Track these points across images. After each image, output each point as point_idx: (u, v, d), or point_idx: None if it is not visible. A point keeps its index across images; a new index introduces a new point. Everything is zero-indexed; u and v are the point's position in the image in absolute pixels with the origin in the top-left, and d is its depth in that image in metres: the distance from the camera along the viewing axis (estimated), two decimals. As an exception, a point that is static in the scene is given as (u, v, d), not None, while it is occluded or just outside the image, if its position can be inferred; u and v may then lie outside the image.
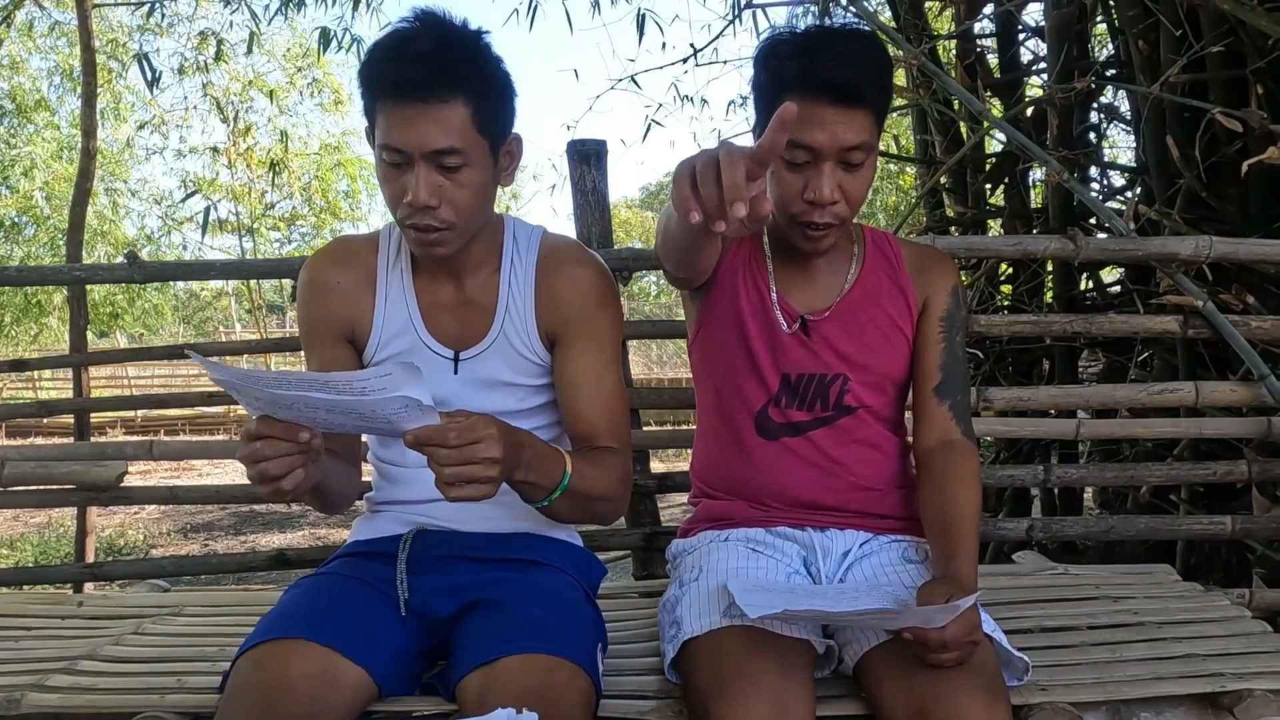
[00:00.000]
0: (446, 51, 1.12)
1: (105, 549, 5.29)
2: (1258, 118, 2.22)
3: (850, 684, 1.22)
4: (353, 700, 1.09)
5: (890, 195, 8.10)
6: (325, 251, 1.34)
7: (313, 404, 0.98)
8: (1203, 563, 2.61)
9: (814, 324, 1.34)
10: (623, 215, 23.65)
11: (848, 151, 1.20)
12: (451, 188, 1.15)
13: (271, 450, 1.00)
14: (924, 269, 1.39)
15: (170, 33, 8.29)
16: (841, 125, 1.18)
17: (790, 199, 1.24)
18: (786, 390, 1.35)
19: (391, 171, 1.16)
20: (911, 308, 1.37)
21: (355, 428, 1.06)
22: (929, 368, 1.36)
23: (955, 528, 1.22)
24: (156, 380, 14.08)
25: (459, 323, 1.29)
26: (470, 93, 1.13)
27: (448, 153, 1.12)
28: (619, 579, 2.44)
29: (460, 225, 1.18)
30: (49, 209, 11.00)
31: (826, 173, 1.20)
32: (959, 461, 1.30)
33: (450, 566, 1.25)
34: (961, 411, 1.35)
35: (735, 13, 3.51)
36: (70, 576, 2.52)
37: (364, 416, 1.00)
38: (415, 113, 1.11)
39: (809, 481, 1.35)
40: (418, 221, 1.16)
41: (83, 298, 3.21)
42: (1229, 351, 2.07)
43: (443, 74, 1.11)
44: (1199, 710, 1.24)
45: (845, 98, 1.18)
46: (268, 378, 0.97)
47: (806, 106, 1.16)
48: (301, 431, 1.00)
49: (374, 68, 1.14)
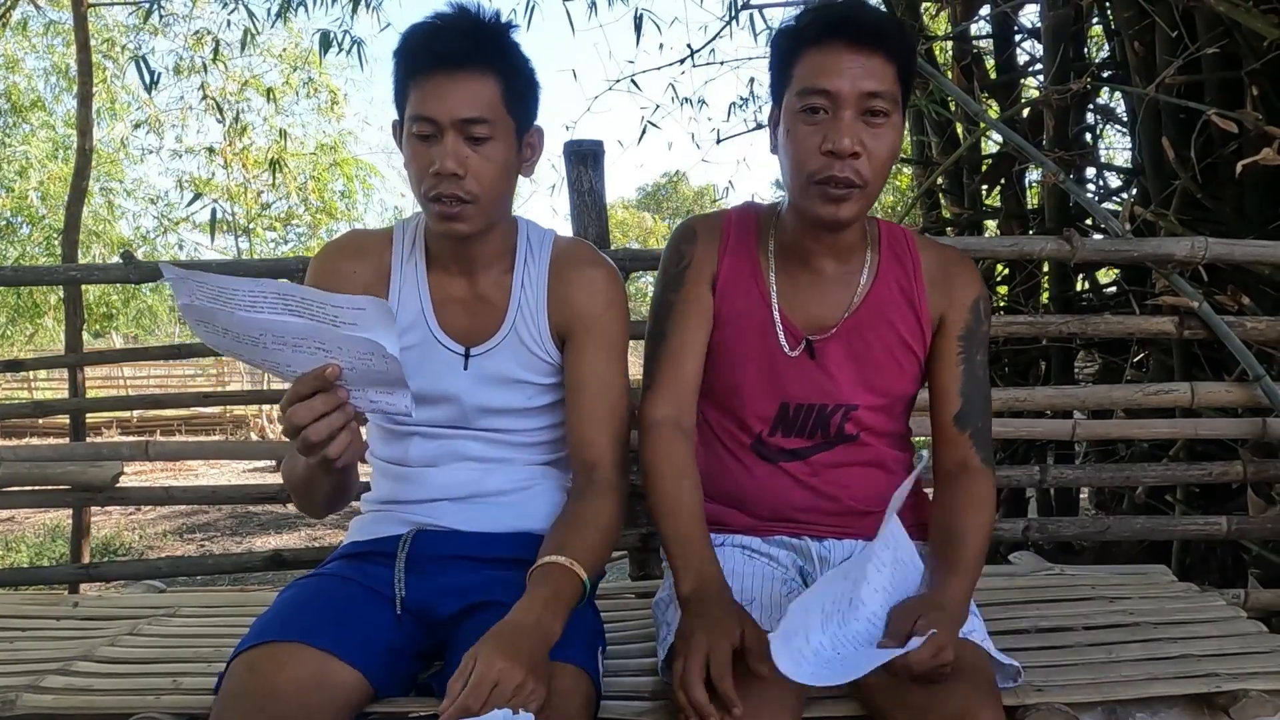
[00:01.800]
0: (480, 30, 1.19)
1: (101, 550, 5.27)
2: (1253, 119, 2.23)
3: (847, 684, 1.22)
4: (346, 702, 1.09)
5: (887, 195, 8.11)
6: (340, 242, 1.35)
7: (281, 335, 0.98)
8: (1198, 563, 2.61)
9: (820, 345, 1.27)
10: (619, 216, 23.67)
11: (868, 98, 1.12)
12: (477, 160, 1.18)
13: (308, 413, 1.01)
14: (943, 280, 1.29)
15: (166, 32, 8.28)
16: (860, 69, 1.12)
17: (807, 155, 1.15)
18: (783, 422, 1.29)
19: (420, 145, 1.19)
20: (924, 326, 1.28)
21: (312, 366, 1.04)
22: (948, 393, 1.28)
23: (957, 550, 1.18)
24: (152, 380, 14.06)
25: (471, 318, 1.30)
26: (500, 70, 1.18)
27: (477, 122, 1.16)
28: (615, 579, 2.44)
29: (484, 199, 1.20)
30: (44, 209, 10.99)
31: (846, 120, 1.12)
32: (973, 486, 1.25)
33: (450, 567, 1.25)
34: (982, 439, 1.28)
35: (733, 14, 3.52)
36: (66, 577, 2.52)
37: (327, 352, 1.01)
38: (449, 82, 1.16)
39: (807, 505, 1.31)
40: (444, 190, 1.18)
41: (78, 298, 3.21)
42: (1224, 352, 2.08)
43: (476, 47, 1.17)
44: (1194, 711, 1.24)
45: (864, 39, 1.12)
46: (241, 294, 0.97)
47: (823, 53, 1.13)
48: (329, 369, 1.01)
49: (410, 44, 1.19)
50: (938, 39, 3.69)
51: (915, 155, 3.87)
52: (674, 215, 29.57)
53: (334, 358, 1.02)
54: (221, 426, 11.62)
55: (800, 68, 1.16)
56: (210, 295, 0.98)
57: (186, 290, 0.98)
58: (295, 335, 1.00)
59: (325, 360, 1.02)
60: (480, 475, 1.31)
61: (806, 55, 1.15)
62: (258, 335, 1.00)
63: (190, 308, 0.99)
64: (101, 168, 11.09)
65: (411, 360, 1.27)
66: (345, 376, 1.04)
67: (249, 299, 0.98)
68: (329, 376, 1.02)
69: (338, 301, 0.98)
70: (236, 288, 0.97)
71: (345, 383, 1.05)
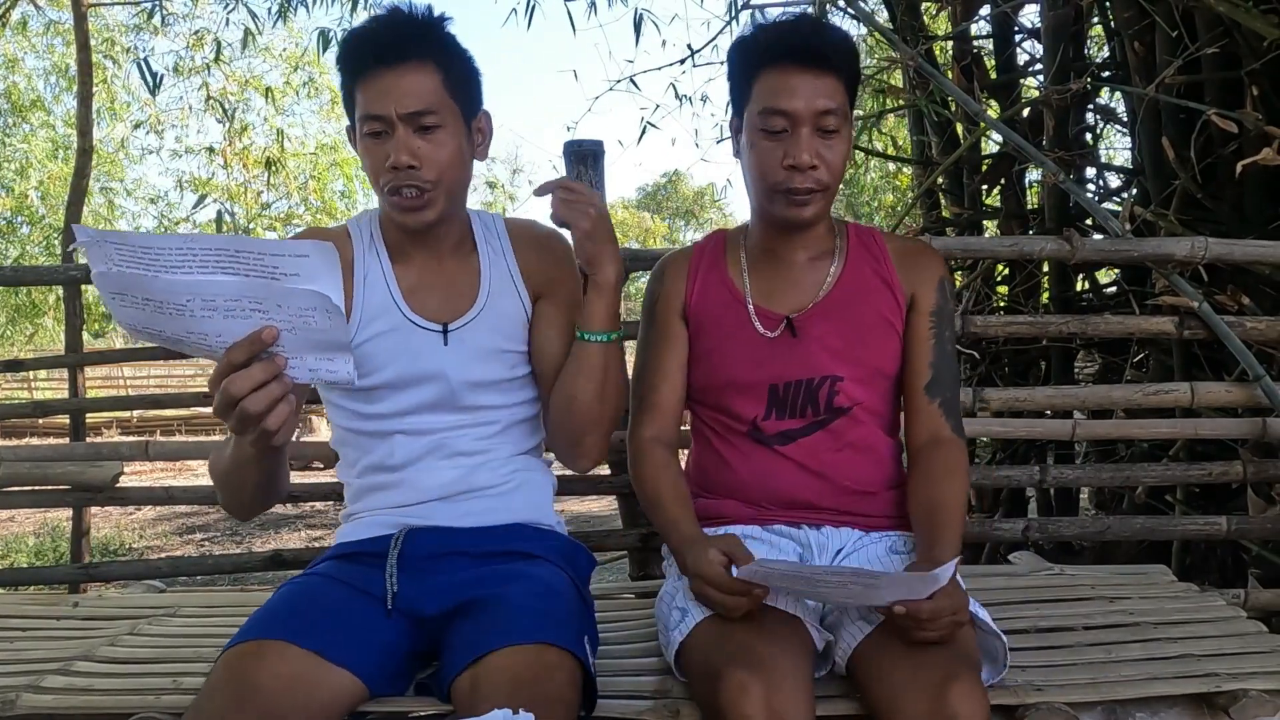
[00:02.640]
0: (409, 22, 1.23)
1: (101, 550, 5.27)
2: (1253, 119, 2.23)
3: (845, 684, 1.22)
4: (335, 701, 1.09)
5: (887, 195, 8.12)
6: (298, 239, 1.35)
7: (211, 299, 0.90)
8: (1198, 563, 2.61)
9: (800, 322, 1.35)
10: (619, 216, 23.68)
11: (822, 116, 1.26)
12: (429, 148, 1.22)
13: (246, 382, 0.95)
14: (910, 263, 1.39)
15: (166, 32, 8.28)
16: (813, 89, 1.25)
17: (770, 168, 1.28)
18: (775, 403, 1.36)
19: (373, 143, 1.23)
20: (900, 302, 1.38)
21: (245, 334, 0.95)
22: (919, 365, 1.37)
23: (938, 516, 1.25)
24: (152, 381, 14.05)
25: (443, 299, 1.33)
26: (439, 60, 1.23)
27: (423, 113, 1.21)
28: (615, 579, 2.44)
29: (442, 185, 1.24)
30: (44, 208, 10.98)
31: (804, 137, 1.26)
32: (947, 456, 1.33)
33: (442, 565, 1.25)
34: (952, 408, 1.37)
35: (733, 13, 3.52)
36: (66, 577, 2.51)
37: (264, 313, 0.92)
38: (390, 77, 1.20)
39: (802, 485, 1.35)
40: (400, 182, 1.22)
41: (78, 298, 3.20)
42: (1224, 352, 2.07)
43: (411, 41, 1.21)
44: (1194, 710, 1.24)
45: (814, 60, 1.25)
46: (169, 252, 0.88)
47: (779, 75, 1.26)
48: (265, 332, 0.93)
49: (350, 47, 1.25)
50: (938, 39, 3.68)
51: (915, 155, 3.86)
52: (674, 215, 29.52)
53: (271, 319, 0.94)
54: (221, 426, 11.59)
55: (760, 86, 1.29)
56: (130, 258, 0.89)
57: (103, 256, 0.89)
58: (228, 296, 0.91)
59: (261, 323, 0.94)
60: (467, 472, 1.32)
61: (765, 75, 1.28)
62: (184, 301, 0.91)
63: (107, 276, 0.90)
64: (101, 167, 11.06)
65: (388, 346, 1.29)
66: (283, 340, 0.95)
67: (177, 257, 0.89)
68: (266, 339, 0.94)
69: (278, 249, 0.90)
70: (163, 245, 0.89)
71: (282, 348, 0.96)
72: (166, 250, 0.89)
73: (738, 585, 1.13)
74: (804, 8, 3.48)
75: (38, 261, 10.28)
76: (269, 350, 0.96)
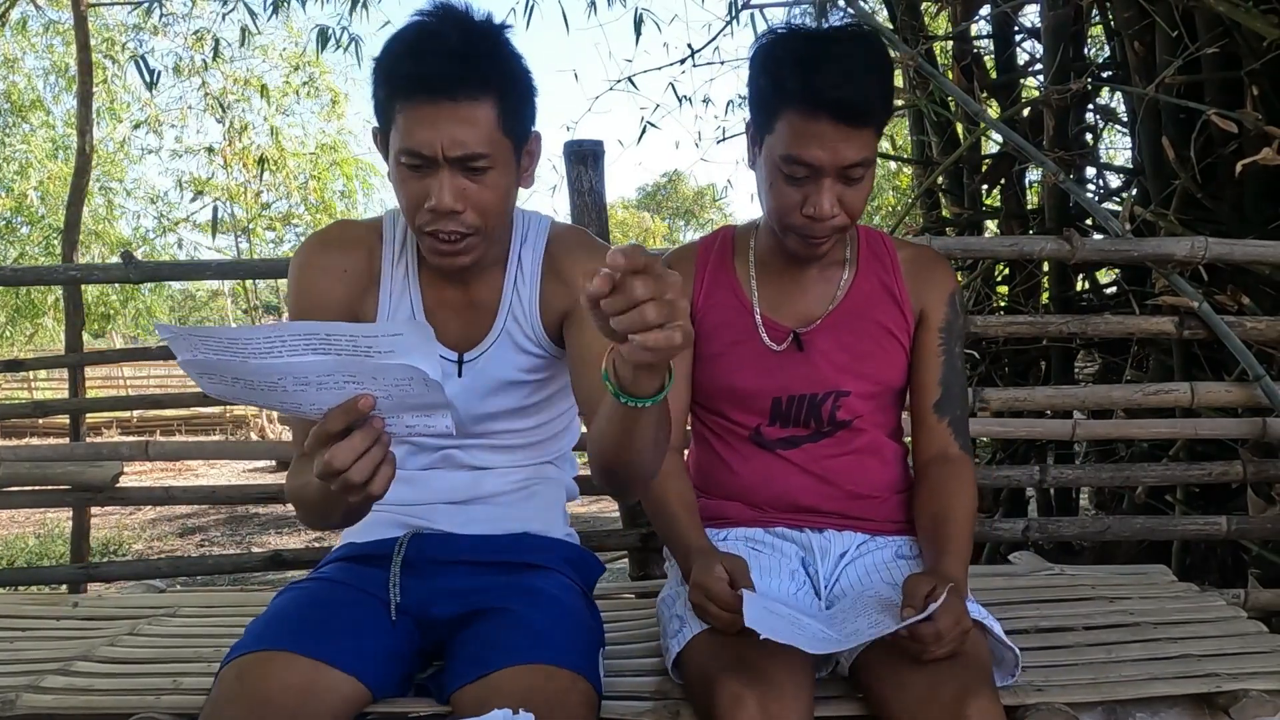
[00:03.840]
0: (473, 46, 1.06)
1: (101, 550, 5.27)
2: (1253, 119, 2.23)
3: (847, 684, 1.22)
4: (340, 707, 1.08)
5: (887, 195, 8.12)
6: (328, 234, 1.27)
7: (303, 376, 0.88)
8: (1198, 563, 2.61)
9: (808, 338, 1.32)
10: (619, 216, 23.70)
11: (849, 168, 1.17)
12: (476, 190, 1.09)
13: (348, 454, 0.90)
14: (921, 276, 1.35)
15: (166, 31, 8.28)
16: (844, 143, 1.15)
17: (788, 211, 1.21)
18: (778, 415, 1.34)
19: (410, 176, 1.09)
20: (908, 317, 1.34)
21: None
22: (928, 383, 1.33)
23: (946, 530, 1.23)
24: (152, 380, 14.07)
25: (463, 324, 1.26)
26: (497, 91, 1.07)
27: (474, 157, 1.07)
28: (615, 580, 2.44)
29: (485, 230, 1.13)
30: (44, 208, 10.98)
31: (826, 188, 1.18)
32: (955, 472, 1.31)
33: (447, 571, 1.24)
34: (960, 427, 1.34)
35: (733, 14, 3.51)
36: (66, 577, 2.52)
37: (358, 384, 0.90)
38: (442, 113, 1.05)
39: (805, 489, 1.34)
40: (441, 228, 1.10)
41: (78, 298, 3.20)
42: (1224, 352, 2.07)
43: (470, 70, 1.05)
44: (1194, 711, 1.24)
45: (850, 118, 1.14)
46: (256, 342, 0.87)
47: (807, 123, 1.14)
48: (362, 401, 0.89)
49: (395, 63, 1.07)
50: (938, 39, 3.68)
51: (915, 155, 3.87)
52: (674, 215, 29.51)
53: (365, 388, 0.91)
54: (221, 426, 11.62)
55: (783, 124, 1.18)
56: (216, 348, 0.88)
57: (187, 346, 0.89)
58: (320, 374, 0.89)
59: (356, 392, 0.91)
60: (477, 478, 1.30)
61: (790, 116, 1.17)
62: (276, 380, 0.90)
63: (192, 362, 0.90)
64: (101, 167, 11.08)
65: None
66: (379, 405, 0.92)
67: (264, 345, 0.88)
68: (362, 409, 0.90)
69: (370, 331, 0.87)
70: (250, 336, 0.87)
71: (379, 411, 0.93)
72: (254, 340, 0.87)
73: (737, 604, 1.08)
74: (804, 8, 3.48)
75: (37, 261, 10.27)
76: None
